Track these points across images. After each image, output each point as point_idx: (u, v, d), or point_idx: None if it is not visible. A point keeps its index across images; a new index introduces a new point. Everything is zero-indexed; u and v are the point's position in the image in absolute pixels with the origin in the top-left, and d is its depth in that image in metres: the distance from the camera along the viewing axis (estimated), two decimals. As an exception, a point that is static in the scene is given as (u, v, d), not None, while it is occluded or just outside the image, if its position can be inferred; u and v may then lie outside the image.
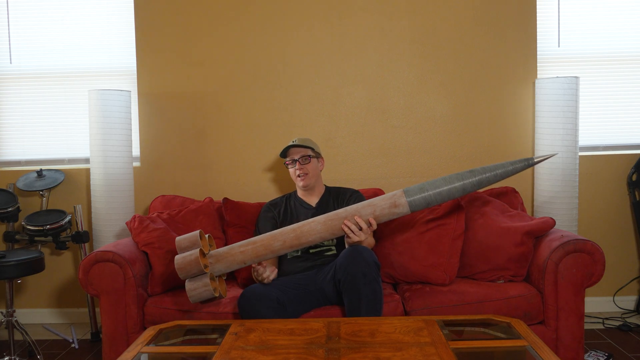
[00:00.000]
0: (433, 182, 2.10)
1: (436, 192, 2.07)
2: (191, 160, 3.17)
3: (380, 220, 2.10)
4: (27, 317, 3.28)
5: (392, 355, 1.62)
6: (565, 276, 2.26)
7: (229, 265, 2.12)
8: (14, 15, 3.26)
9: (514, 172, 2.08)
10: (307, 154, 2.52)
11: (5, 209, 2.97)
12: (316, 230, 2.10)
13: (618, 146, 3.25)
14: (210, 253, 2.14)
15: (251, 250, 2.11)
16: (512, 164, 2.08)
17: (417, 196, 2.07)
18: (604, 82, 3.22)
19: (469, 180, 2.07)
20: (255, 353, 1.67)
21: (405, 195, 2.08)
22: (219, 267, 2.12)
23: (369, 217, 2.09)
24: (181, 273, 2.05)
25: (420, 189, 2.08)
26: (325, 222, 2.11)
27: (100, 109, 2.90)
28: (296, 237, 2.10)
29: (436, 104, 3.13)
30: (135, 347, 1.82)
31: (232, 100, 3.15)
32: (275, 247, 2.10)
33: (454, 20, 3.10)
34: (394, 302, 2.31)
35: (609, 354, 2.58)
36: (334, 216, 2.12)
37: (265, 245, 2.11)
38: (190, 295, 2.05)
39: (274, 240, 2.11)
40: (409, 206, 2.08)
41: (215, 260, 2.12)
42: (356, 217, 2.10)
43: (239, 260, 2.12)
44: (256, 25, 3.13)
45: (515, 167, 2.08)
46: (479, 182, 2.08)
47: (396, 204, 2.07)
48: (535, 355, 1.66)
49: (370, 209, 2.09)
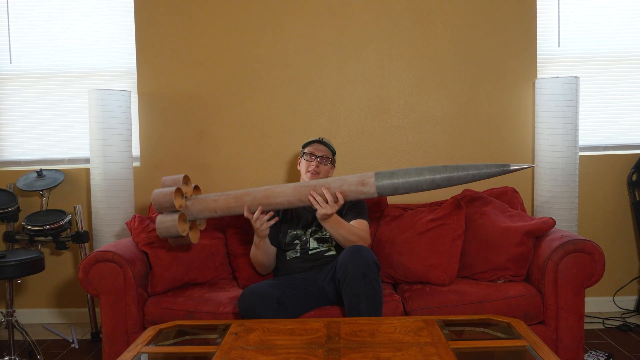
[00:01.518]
0: (406, 170, 2.11)
1: (405, 180, 2.09)
2: (191, 160, 3.18)
3: (347, 196, 2.14)
4: (27, 317, 3.28)
5: (392, 355, 1.62)
6: (565, 276, 2.27)
7: (201, 210, 2.26)
8: (14, 15, 3.26)
9: (487, 176, 2.06)
10: (329, 156, 2.52)
11: (5, 209, 2.97)
12: (285, 193, 2.18)
13: (618, 146, 3.25)
14: (189, 197, 2.29)
15: (223, 200, 2.24)
16: (487, 167, 2.06)
17: (385, 180, 2.10)
18: (604, 82, 3.22)
19: (440, 175, 2.07)
20: (255, 353, 1.67)
21: (375, 177, 2.11)
22: (192, 211, 2.27)
23: (337, 190, 2.13)
24: (155, 205, 2.21)
25: (390, 174, 2.11)
26: (295, 187, 2.19)
27: (100, 109, 2.90)
28: (266, 196, 2.19)
29: (436, 104, 3.13)
30: (135, 347, 1.82)
31: (232, 100, 3.15)
32: (246, 201, 2.21)
33: (454, 20, 3.10)
34: (394, 302, 2.31)
35: (609, 354, 2.58)
36: (304, 184, 2.19)
37: (237, 198, 2.22)
38: (158, 229, 2.21)
39: (246, 195, 2.22)
40: (376, 188, 2.11)
41: (190, 204, 2.28)
42: (323, 188, 2.13)
43: (210, 207, 2.25)
44: (256, 25, 3.13)
45: (490, 171, 2.06)
46: (449, 179, 2.07)
47: (364, 182, 2.11)
48: (535, 355, 1.66)
49: (339, 183, 2.14)
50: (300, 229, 2.49)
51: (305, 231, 2.49)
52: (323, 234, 2.47)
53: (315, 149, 2.52)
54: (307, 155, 2.51)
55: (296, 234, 2.49)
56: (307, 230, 2.49)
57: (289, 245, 2.48)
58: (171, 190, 2.21)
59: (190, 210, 2.27)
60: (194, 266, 2.52)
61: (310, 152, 2.51)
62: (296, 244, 2.47)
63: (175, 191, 2.22)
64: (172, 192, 2.20)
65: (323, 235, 2.47)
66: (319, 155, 2.49)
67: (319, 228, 2.48)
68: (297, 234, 2.49)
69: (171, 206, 2.20)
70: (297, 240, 2.48)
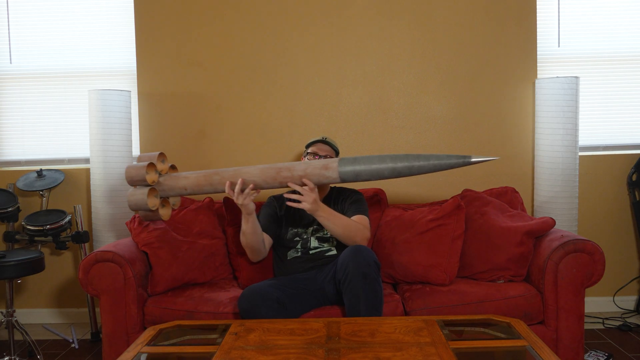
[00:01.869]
0: (368, 157, 2.13)
1: (367, 167, 2.11)
2: (191, 160, 3.17)
3: (311, 179, 2.17)
4: (27, 317, 3.29)
5: (392, 355, 1.62)
6: (565, 276, 2.27)
7: (172, 187, 2.31)
8: (14, 15, 3.26)
9: (449, 167, 2.05)
10: (332, 155, 2.52)
11: (5, 209, 2.97)
12: (253, 174, 2.22)
13: (618, 146, 3.25)
14: (163, 175, 2.35)
15: (193, 178, 2.29)
16: (448, 157, 2.05)
17: (348, 166, 2.13)
18: (604, 82, 3.22)
19: (401, 164, 2.08)
20: (255, 353, 1.67)
21: (338, 162, 2.15)
22: (164, 187, 2.32)
23: (301, 173, 2.17)
24: (127, 178, 2.28)
25: (353, 160, 2.14)
26: (262, 169, 2.23)
27: (100, 109, 2.90)
28: (234, 176, 2.23)
29: (436, 104, 3.13)
30: (135, 347, 1.82)
31: (232, 100, 3.15)
32: (214, 180, 2.26)
33: (454, 20, 3.10)
34: (394, 302, 2.31)
35: (609, 354, 2.58)
36: (270, 166, 2.23)
37: (206, 176, 2.27)
38: (129, 201, 2.28)
39: (215, 174, 2.27)
40: (338, 173, 2.14)
41: (163, 180, 2.33)
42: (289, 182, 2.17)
43: (181, 185, 2.30)
44: (256, 26, 3.13)
45: (451, 162, 2.04)
46: (410, 168, 2.07)
47: (328, 167, 2.15)
48: (535, 355, 1.66)
49: (304, 166, 2.19)
50: (302, 227, 2.49)
51: (306, 229, 2.49)
52: (324, 233, 2.47)
53: (318, 148, 2.51)
54: (311, 155, 2.50)
55: (297, 232, 2.49)
56: (308, 228, 2.49)
57: (290, 242, 2.48)
58: (143, 164, 2.27)
59: (162, 186, 2.33)
60: (194, 266, 2.52)
61: (314, 151, 2.50)
62: (297, 242, 2.47)
63: (149, 166, 2.27)
64: (144, 165, 2.26)
65: (324, 234, 2.47)
66: (322, 155, 2.49)
67: (321, 227, 2.48)
68: (298, 231, 2.49)
69: (142, 180, 2.26)
70: (298, 238, 2.48)
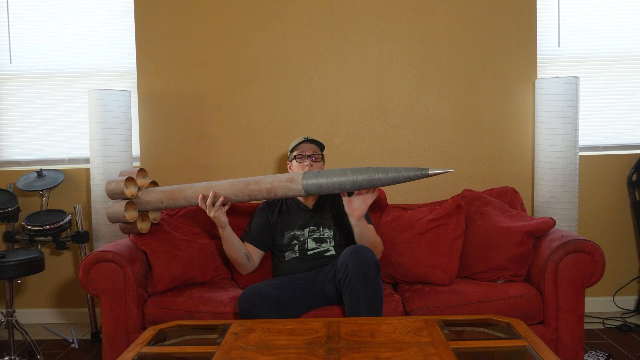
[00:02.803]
0: (331, 171, 2.18)
1: (329, 180, 2.16)
2: (191, 160, 3.18)
3: (277, 192, 2.23)
4: (27, 317, 3.29)
5: (392, 355, 1.62)
6: (565, 276, 2.27)
7: (150, 200, 2.38)
8: (14, 15, 3.26)
9: (407, 179, 2.11)
10: (318, 152, 2.51)
11: (5, 209, 2.97)
12: (223, 187, 2.28)
13: (618, 146, 3.25)
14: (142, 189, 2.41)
15: (169, 192, 2.35)
16: (406, 170, 2.10)
17: (311, 180, 2.18)
18: (604, 82, 3.22)
19: (361, 176, 2.13)
20: (255, 353, 1.67)
21: (303, 175, 2.21)
22: (142, 201, 2.39)
23: (268, 186, 2.23)
24: (107, 192, 2.35)
25: (317, 173, 2.20)
26: (232, 183, 2.29)
27: (100, 109, 2.90)
28: (205, 189, 2.30)
29: (436, 104, 3.13)
30: (135, 347, 1.82)
31: (232, 100, 3.15)
32: (188, 193, 2.33)
33: (454, 20, 3.10)
34: (394, 302, 2.31)
35: (609, 354, 2.58)
36: (238, 180, 2.30)
37: (180, 190, 2.34)
38: (107, 213, 2.35)
39: (189, 188, 2.34)
40: (302, 186, 2.19)
41: (141, 194, 2.39)
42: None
43: (158, 198, 2.37)
44: (256, 25, 3.13)
45: (409, 175, 2.09)
46: (370, 180, 2.12)
47: (293, 180, 2.22)
48: (535, 355, 1.66)
49: (270, 179, 2.26)
50: (298, 229, 2.49)
51: (302, 231, 2.49)
52: (321, 233, 2.47)
53: (303, 149, 2.50)
54: (298, 157, 2.49)
55: (294, 235, 2.48)
56: (304, 230, 2.49)
57: (287, 246, 2.48)
58: (122, 178, 2.34)
59: (140, 199, 2.39)
60: (193, 265, 2.52)
61: (300, 153, 2.49)
62: (294, 245, 2.47)
63: (128, 180, 2.34)
64: (122, 180, 2.33)
65: (321, 235, 2.47)
66: (309, 155, 2.48)
67: (317, 227, 2.48)
68: (295, 234, 2.48)
69: (121, 193, 2.34)
70: (295, 241, 2.47)
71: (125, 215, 2.33)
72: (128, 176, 2.36)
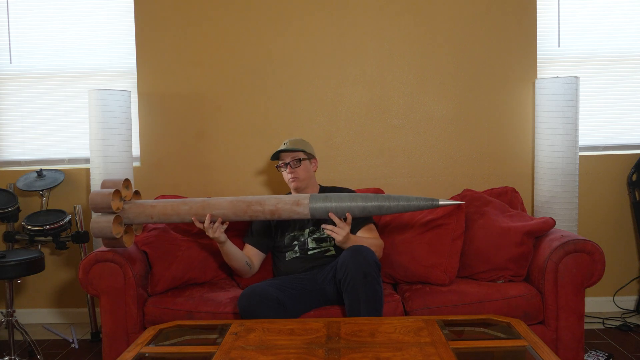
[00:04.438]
0: (339, 195, 2.16)
1: (337, 205, 2.14)
2: (191, 160, 3.18)
3: (281, 214, 2.18)
4: (27, 317, 3.28)
5: (392, 355, 1.62)
6: (565, 276, 2.27)
7: (138, 215, 2.26)
8: (14, 15, 3.26)
9: (417, 208, 2.13)
10: (297, 157, 2.49)
11: (5, 209, 2.97)
12: (222, 206, 2.21)
13: (618, 146, 3.25)
14: (127, 201, 2.29)
15: (161, 207, 2.25)
16: (417, 199, 2.12)
17: (319, 203, 2.15)
18: (604, 82, 3.22)
19: (371, 203, 2.13)
20: (255, 353, 1.67)
21: (310, 199, 2.16)
22: (128, 214, 2.27)
23: (272, 208, 2.17)
24: (91, 205, 2.21)
25: (324, 197, 2.16)
26: (232, 201, 2.21)
27: (100, 109, 2.90)
28: (202, 207, 2.21)
29: (436, 104, 3.13)
30: (135, 347, 1.82)
31: (232, 100, 3.15)
32: (182, 210, 2.23)
33: (454, 20, 3.10)
34: (394, 302, 2.31)
35: (609, 354, 2.58)
36: (240, 199, 2.22)
37: (173, 206, 2.24)
38: (92, 228, 2.21)
39: (183, 204, 2.24)
40: (309, 209, 2.15)
41: (128, 208, 2.27)
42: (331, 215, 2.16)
43: (147, 212, 2.25)
44: (256, 26, 3.13)
45: (419, 204, 2.12)
46: (379, 207, 2.12)
47: (299, 203, 2.16)
48: (535, 355, 1.66)
49: (274, 201, 2.19)
50: (297, 230, 2.49)
51: (302, 231, 2.49)
52: (321, 233, 2.47)
53: (282, 157, 2.52)
54: (279, 167, 2.53)
55: (294, 235, 2.49)
56: (304, 230, 2.49)
57: (287, 247, 2.48)
58: (109, 191, 2.21)
59: (127, 213, 2.27)
60: (193, 265, 2.52)
61: (280, 164, 2.52)
62: (295, 245, 2.47)
63: (114, 193, 2.22)
64: (110, 193, 2.20)
65: (321, 235, 2.47)
66: (288, 162, 2.49)
67: (317, 228, 2.48)
68: (295, 235, 2.49)
69: (108, 207, 2.20)
70: (296, 242, 2.48)
71: (112, 230, 2.20)
72: (115, 189, 2.24)
